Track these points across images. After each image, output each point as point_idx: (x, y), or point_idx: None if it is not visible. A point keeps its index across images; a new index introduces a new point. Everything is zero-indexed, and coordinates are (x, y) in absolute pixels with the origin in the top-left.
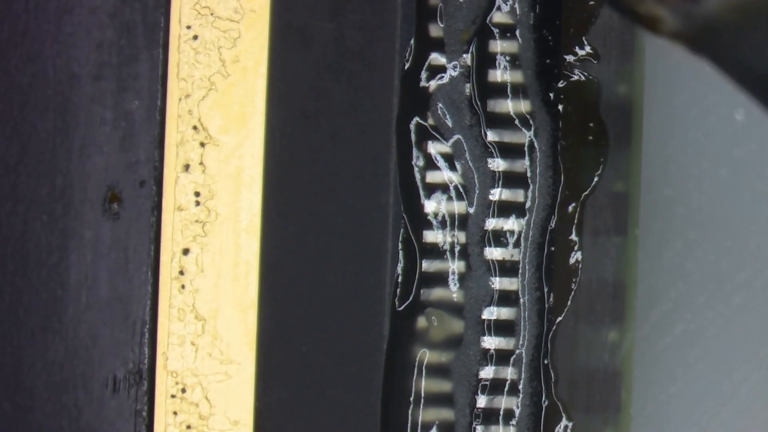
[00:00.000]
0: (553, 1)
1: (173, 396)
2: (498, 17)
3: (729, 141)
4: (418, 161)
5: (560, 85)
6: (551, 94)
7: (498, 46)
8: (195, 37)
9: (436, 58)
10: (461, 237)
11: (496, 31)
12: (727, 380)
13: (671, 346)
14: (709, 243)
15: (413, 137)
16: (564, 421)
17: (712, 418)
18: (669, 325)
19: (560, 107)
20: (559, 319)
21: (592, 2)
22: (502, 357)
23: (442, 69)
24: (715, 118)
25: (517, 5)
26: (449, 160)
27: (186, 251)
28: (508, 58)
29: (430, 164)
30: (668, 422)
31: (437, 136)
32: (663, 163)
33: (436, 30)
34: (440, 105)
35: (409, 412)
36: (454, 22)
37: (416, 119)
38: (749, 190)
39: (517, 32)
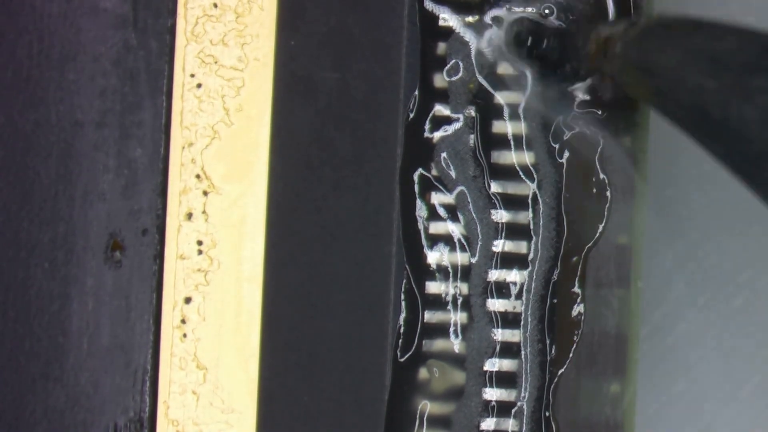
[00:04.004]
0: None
1: None
2: (504, 68)
3: None
4: (421, 212)
5: (565, 137)
6: (556, 147)
7: (503, 97)
8: (199, 86)
9: (441, 109)
10: (464, 288)
11: (501, 82)
12: (729, 380)
13: (673, 346)
14: (710, 244)
15: (417, 188)
16: None
17: (714, 417)
18: (671, 325)
19: (565, 160)
20: (561, 371)
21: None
22: (503, 409)
23: (447, 120)
24: None
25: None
26: (452, 211)
27: (188, 300)
28: (513, 109)
29: (434, 215)
30: (671, 422)
31: (441, 187)
32: (665, 165)
33: (440, 81)
34: (444, 156)
35: None
36: (460, 73)
37: (420, 170)
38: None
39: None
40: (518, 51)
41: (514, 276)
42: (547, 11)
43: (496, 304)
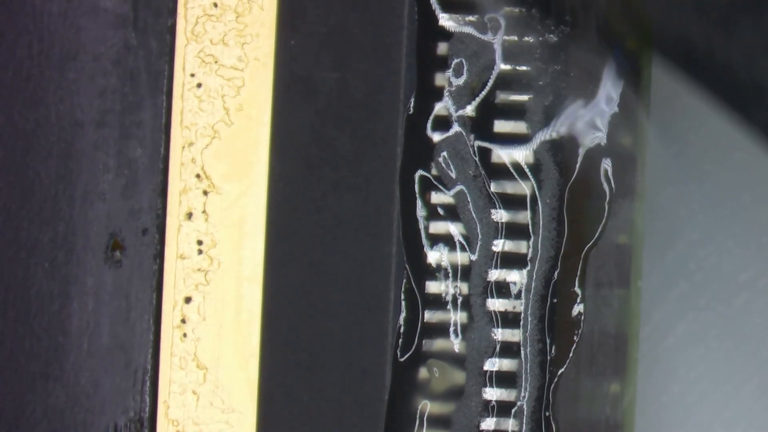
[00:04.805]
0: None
1: None
2: (505, 67)
3: (730, 143)
4: (421, 212)
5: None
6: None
7: (504, 96)
8: (199, 85)
9: (441, 108)
10: (464, 288)
11: (502, 81)
12: (729, 381)
13: (673, 346)
14: (711, 244)
15: (417, 188)
16: None
17: (714, 418)
18: (671, 325)
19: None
20: (561, 370)
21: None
22: (503, 409)
23: (447, 119)
24: (716, 121)
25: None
26: (452, 210)
27: (188, 300)
28: (514, 109)
29: (434, 215)
30: (671, 422)
31: (440, 186)
32: (666, 165)
33: (441, 80)
34: (444, 155)
35: None
36: (461, 72)
37: (420, 170)
38: (750, 191)
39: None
40: None
41: (514, 276)
42: None
43: (496, 304)
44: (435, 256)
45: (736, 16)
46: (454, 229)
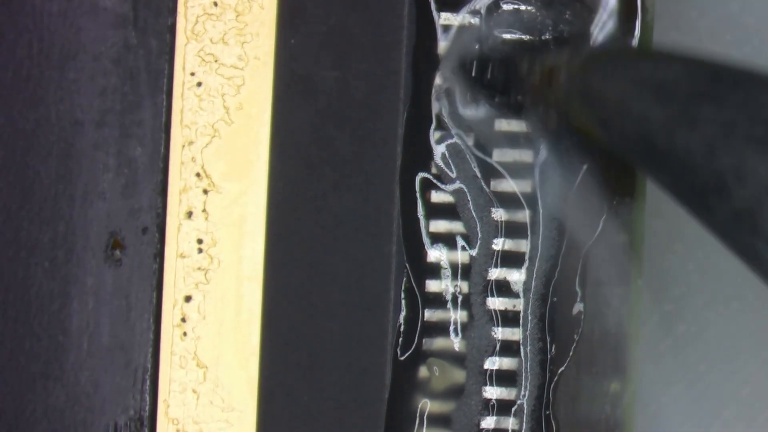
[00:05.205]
0: None
1: None
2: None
3: None
4: (421, 211)
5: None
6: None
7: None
8: (199, 84)
9: (441, 108)
10: (464, 286)
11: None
12: (728, 381)
13: (673, 346)
14: (710, 244)
15: (417, 187)
16: None
17: (714, 418)
18: (671, 325)
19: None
20: (561, 369)
21: None
22: (503, 407)
23: (447, 119)
24: None
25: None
26: (452, 209)
27: (188, 298)
28: (514, 108)
29: (434, 214)
30: (670, 423)
31: (440, 185)
32: None
33: (441, 80)
34: (444, 154)
35: None
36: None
37: (420, 170)
38: None
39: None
40: (464, 79)
41: (514, 274)
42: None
43: (496, 303)
44: (435, 254)
45: (696, 107)
46: (455, 227)
